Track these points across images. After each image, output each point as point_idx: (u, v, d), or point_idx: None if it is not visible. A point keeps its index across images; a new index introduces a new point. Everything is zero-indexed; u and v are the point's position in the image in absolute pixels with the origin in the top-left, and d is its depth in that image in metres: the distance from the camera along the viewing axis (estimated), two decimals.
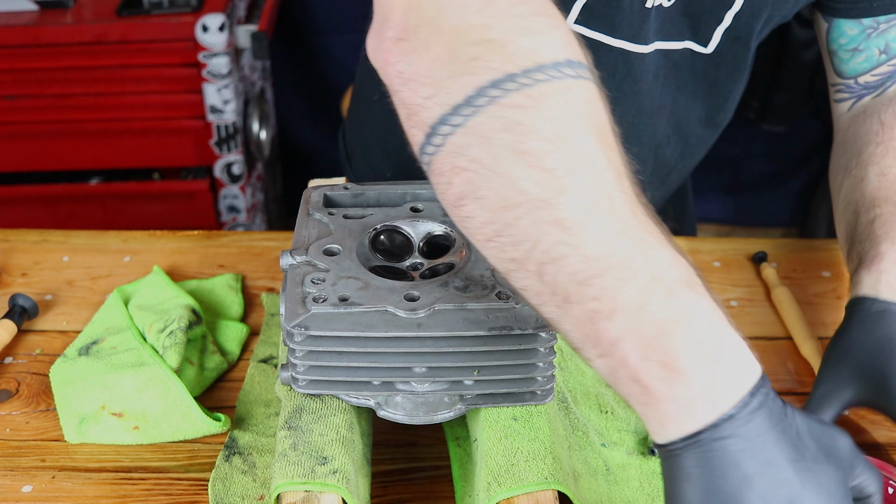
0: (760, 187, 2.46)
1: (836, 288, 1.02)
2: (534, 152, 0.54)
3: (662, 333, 0.53)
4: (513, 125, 0.54)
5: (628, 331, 0.53)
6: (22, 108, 1.85)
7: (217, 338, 0.92)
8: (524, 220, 0.54)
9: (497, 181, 0.54)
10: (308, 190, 0.84)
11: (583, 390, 0.86)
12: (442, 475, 0.79)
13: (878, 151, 0.91)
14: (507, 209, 0.55)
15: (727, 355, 0.53)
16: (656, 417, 0.54)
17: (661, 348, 0.53)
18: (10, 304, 0.94)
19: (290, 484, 0.66)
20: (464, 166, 0.55)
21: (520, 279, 0.57)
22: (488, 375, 0.71)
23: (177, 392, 0.80)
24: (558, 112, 0.54)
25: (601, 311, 0.54)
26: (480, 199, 0.55)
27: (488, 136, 0.54)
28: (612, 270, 0.53)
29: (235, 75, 1.87)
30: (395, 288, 0.71)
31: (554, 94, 0.55)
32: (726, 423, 0.53)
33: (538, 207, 0.54)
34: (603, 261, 0.54)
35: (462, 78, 0.55)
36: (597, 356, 0.56)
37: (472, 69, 0.55)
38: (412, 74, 0.57)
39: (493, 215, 0.55)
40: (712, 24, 0.93)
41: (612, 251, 0.54)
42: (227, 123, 1.89)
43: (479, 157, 0.55)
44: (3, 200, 1.95)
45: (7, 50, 1.79)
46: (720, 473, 0.53)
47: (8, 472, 0.78)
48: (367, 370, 0.71)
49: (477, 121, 0.54)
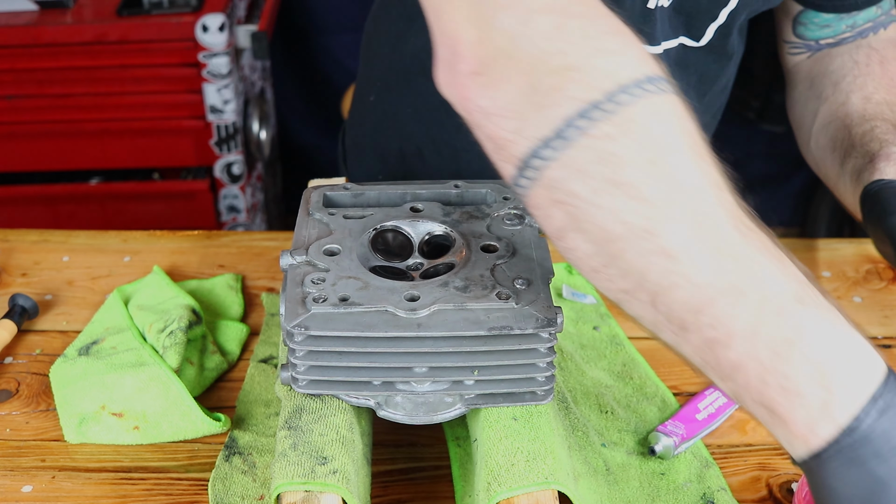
0: (760, 187, 2.46)
1: (837, 288, 1.02)
2: (630, 182, 0.54)
3: (777, 356, 0.53)
4: (606, 157, 0.54)
5: (746, 356, 0.53)
6: (22, 108, 1.85)
7: (217, 338, 0.92)
8: (629, 253, 0.54)
9: (598, 214, 0.54)
10: (308, 190, 0.84)
11: (583, 390, 0.86)
12: (442, 475, 0.79)
13: (857, 81, 0.93)
14: (610, 241, 0.55)
15: (842, 367, 0.53)
16: (785, 437, 0.55)
17: (777, 371, 0.53)
18: (10, 304, 0.94)
19: (290, 484, 0.66)
20: (562, 200, 0.55)
21: (633, 308, 0.57)
22: (488, 375, 0.71)
23: (177, 392, 0.80)
24: (648, 135, 0.54)
25: (718, 338, 0.54)
26: (583, 232, 0.56)
27: (583, 170, 0.54)
28: (723, 296, 0.53)
29: (235, 75, 1.87)
30: (395, 288, 0.71)
31: (640, 116, 0.54)
32: (848, 436, 0.52)
33: (641, 238, 0.54)
34: (713, 286, 0.53)
35: (548, 110, 0.55)
36: (720, 380, 0.56)
37: (556, 100, 0.55)
38: (495, 109, 0.57)
39: (597, 248, 0.56)
40: (707, 21, 0.93)
41: (720, 275, 0.53)
42: (227, 123, 1.89)
43: (576, 191, 0.55)
44: (3, 200, 1.95)
45: (7, 50, 1.79)
46: (852, 482, 0.53)
47: (8, 472, 0.78)
48: (367, 370, 0.71)
49: (569, 154, 0.54)
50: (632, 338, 0.94)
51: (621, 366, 0.90)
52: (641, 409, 0.85)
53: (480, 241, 0.76)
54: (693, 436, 0.81)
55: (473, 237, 0.77)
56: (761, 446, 0.82)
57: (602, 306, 0.98)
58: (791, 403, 0.53)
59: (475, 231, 0.78)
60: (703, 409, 0.83)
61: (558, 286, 0.99)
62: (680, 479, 0.78)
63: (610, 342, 0.93)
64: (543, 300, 0.71)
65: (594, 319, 0.96)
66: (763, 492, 0.78)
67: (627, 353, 0.92)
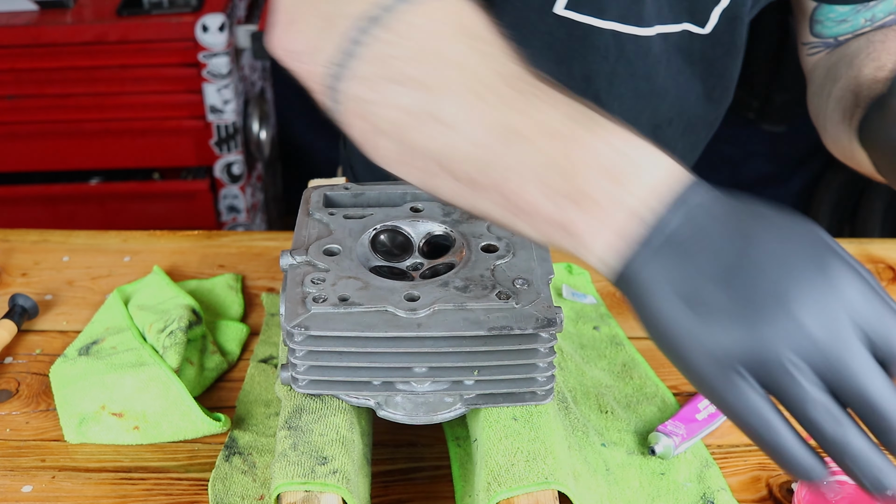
0: (760, 187, 2.46)
1: None
2: (411, 77, 0.59)
3: (565, 176, 0.53)
4: (388, 61, 0.60)
5: (537, 191, 0.54)
6: (22, 108, 1.85)
7: (217, 338, 0.92)
8: (419, 137, 0.59)
9: (390, 113, 0.60)
10: (308, 190, 0.84)
11: (583, 390, 0.86)
12: (442, 475, 0.79)
13: (871, 55, 0.91)
14: (403, 133, 0.60)
15: (634, 169, 0.52)
16: (594, 254, 0.53)
17: (571, 190, 0.53)
18: (10, 304, 0.94)
19: (290, 484, 0.66)
20: (360, 110, 0.61)
21: (440, 188, 0.61)
22: (488, 375, 0.71)
23: (177, 392, 0.80)
24: (423, 34, 0.60)
25: (510, 187, 0.56)
26: (382, 133, 0.61)
27: (370, 78, 0.60)
28: (503, 145, 0.56)
29: (235, 75, 1.87)
30: (395, 288, 0.71)
31: (416, 19, 0.60)
32: (659, 234, 0.51)
33: (424, 120, 0.59)
34: (491, 139, 0.56)
35: (333, 33, 0.62)
36: (525, 225, 0.57)
37: (338, 23, 0.61)
38: (300, 47, 0.64)
39: (395, 143, 0.60)
40: (710, 5, 0.93)
41: (494, 129, 0.57)
42: (227, 123, 1.89)
43: (369, 99, 0.60)
44: (3, 200, 1.95)
45: (7, 50, 1.79)
46: (671, 280, 0.50)
47: (8, 472, 0.78)
48: (367, 370, 0.71)
49: (357, 67, 0.61)
50: (632, 338, 0.94)
51: (621, 366, 0.90)
52: (641, 409, 0.85)
53: (480, 241, 0.76)
54: (693, 436, 0.81)
55: (473, 237, 0.77)
56: None
57: (602, 306, 0.98)
58: (591, 215, 0.52)
59: (475, 231, 0.78)
60: (703, 409, 0.83)
61: (558, 286, 0.99)
62: (680, 479, 0.78)
63: (610, 342, 0.93)
64: (543, 300, 0.71)
65: (594, 319, 0.96)
66: (763, 492, 0.78)
67: (627, 353, 0.92)
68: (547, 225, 0.55)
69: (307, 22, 0.64)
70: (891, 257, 1.07)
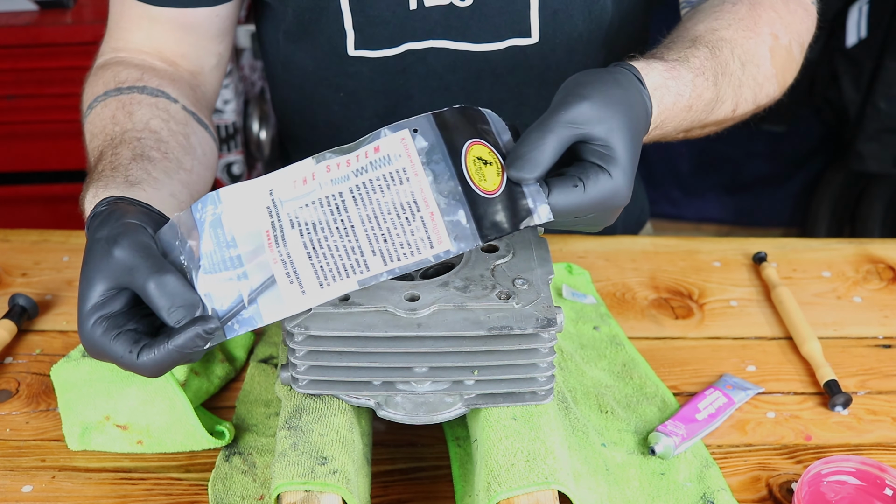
0: (760, 187, 2.46)
1: (836, 288, 1.02)
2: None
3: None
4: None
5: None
6: (22, 108, 1.85)
7: (224, 344, 0.91)
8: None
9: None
10: None
11: (583, 390, 0.86)
12: (442, 475, 0.79)
13: (713, 13, 0.92)
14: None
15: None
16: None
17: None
18: (10, 304, 0.94)
19: (290, 484, 0.66)
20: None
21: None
22: (488, 375, 0.71)
23: (182, 408, 0.78)
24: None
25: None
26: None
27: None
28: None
29: (235, 75, 1.87)
30: (395, 288, 0.71)
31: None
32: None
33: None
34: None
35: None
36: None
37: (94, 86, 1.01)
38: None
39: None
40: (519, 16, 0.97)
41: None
42: (227, 123, 1.89)
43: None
44: (3, 200, 1.95)
45: (7, 50, 1.79)
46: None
47: (8, 472, 0.78)
48: (368, 370, 0.71)
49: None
50: (632, 338, 0.94)
51: (621, 366, 0.90)
52: (641, 409, 0.85)
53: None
54: (693, 436, 0.81)
55: None
56: (761, 446, 0.82)
57: (602, 306, 0.98)
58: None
59: None
60: (703, 409, 0.83)
61: (558, 286, 0.99)
62: (680, 479, 0.78)
63: (610, 342, 0.93)
64: (543, 300, 0.71)
65: (594, 319, 0.96)
66: (763, 492, 0.78)
67: (627, 353, 0.92)
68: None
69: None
70: (891, 257, 1.07)
